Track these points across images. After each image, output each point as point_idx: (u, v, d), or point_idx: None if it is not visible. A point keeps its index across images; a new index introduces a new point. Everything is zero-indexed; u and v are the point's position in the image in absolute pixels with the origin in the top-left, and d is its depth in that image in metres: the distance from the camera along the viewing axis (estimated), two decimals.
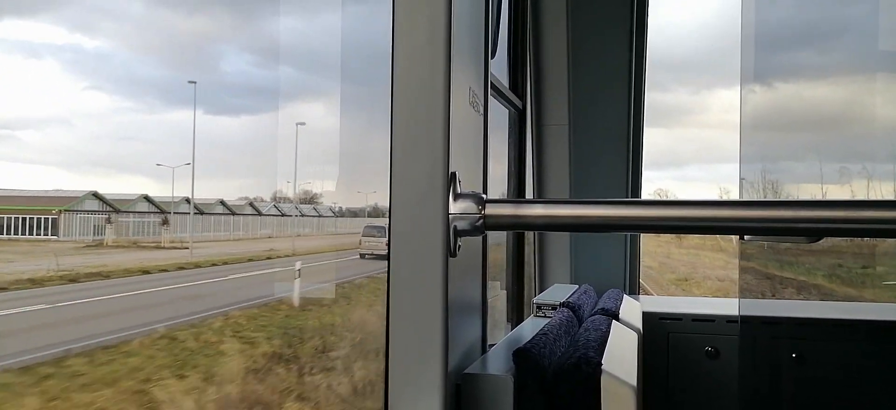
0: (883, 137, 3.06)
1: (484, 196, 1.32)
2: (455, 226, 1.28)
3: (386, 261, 1.27)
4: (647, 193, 3.34)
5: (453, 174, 1.28)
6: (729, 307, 2.80)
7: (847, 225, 1.19)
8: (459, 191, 1.29)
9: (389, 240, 1.28)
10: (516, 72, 2.90)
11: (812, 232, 1.21)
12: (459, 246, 1.31)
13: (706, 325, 2.71)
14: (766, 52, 3.00)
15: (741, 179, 2.83)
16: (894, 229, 1.22)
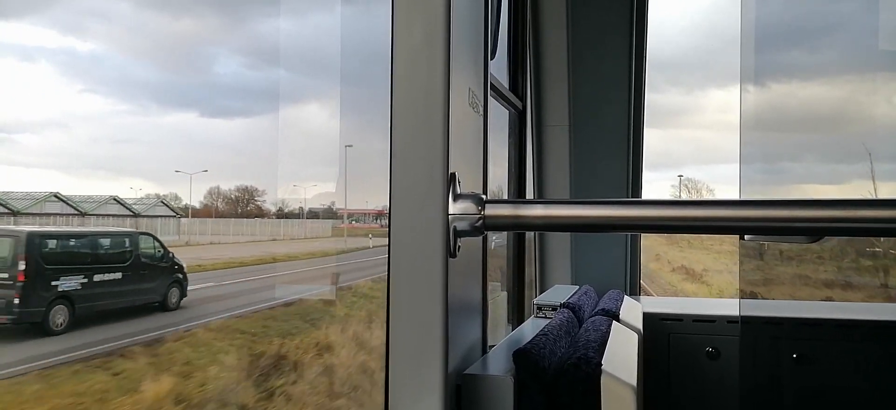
0: (885, 136, 3.05)
1: (484, 196, 1.32)
2: (455, 227, 1.28)
3: None
4: (669, 189, 3.35)
5: (453, 174, 1.28)
6: (729, 307, 2.79)
7: (847, 224, 1.19)
8: (459, 192, 1.29)
9: (389, 241, 1.28)
10: (516, 73, 2.90)
11: (812, 231, 1.21)
12: (459, 246, 1.31)
13: (707, 326, 2.70)
14: (766, 51, 3.00)
15: (741, 179, 2.82)
16: (895, 228, 1.22)
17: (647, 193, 3.34)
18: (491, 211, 1.30)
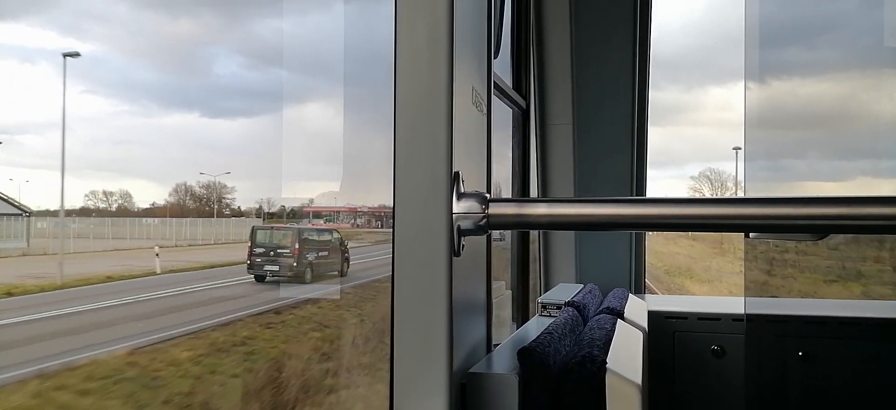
0: (888, 133, 3.04)
1: (487, 195, 1.32)
2: (459, 226, 1.28)
3: None
4: (689, 183, 3.34)
5: (457, 173, 1.28)
6: (735, 306, 2.78)
7: (853, 221, 1.19)
8: (463, 191, 1.30)
9: (393, 240, 1.29)
10: (520, 72, 2.90)
11: (818, 228, 1.20)
12: (463, 245, 1.31)
13: (712, 324, 2.70)
14: (769, 48, 2.99)
15: (745, 176, 2.82)
16: None
17: (651, 191, 3.34)
18: (495, 209, 1.31)
